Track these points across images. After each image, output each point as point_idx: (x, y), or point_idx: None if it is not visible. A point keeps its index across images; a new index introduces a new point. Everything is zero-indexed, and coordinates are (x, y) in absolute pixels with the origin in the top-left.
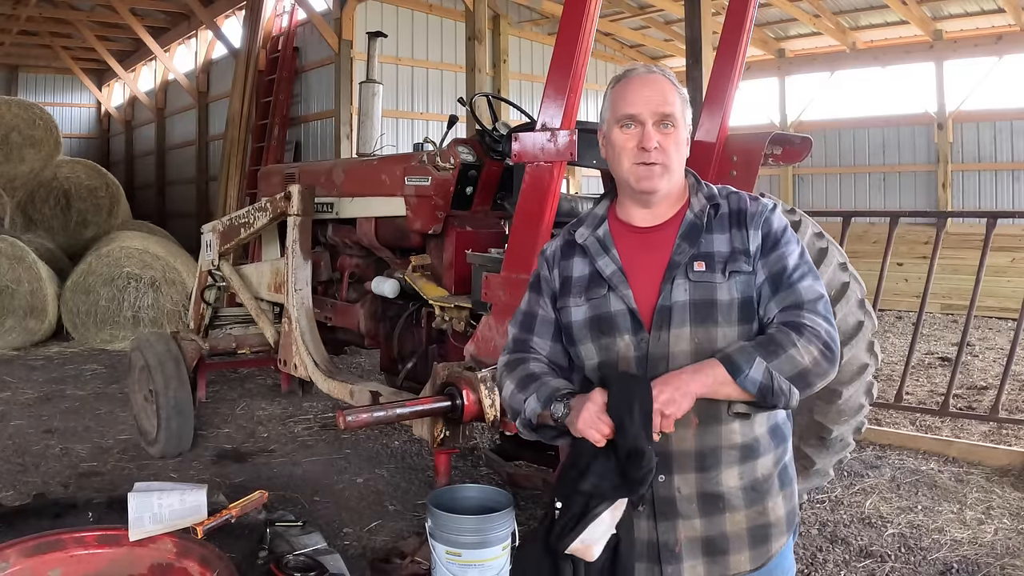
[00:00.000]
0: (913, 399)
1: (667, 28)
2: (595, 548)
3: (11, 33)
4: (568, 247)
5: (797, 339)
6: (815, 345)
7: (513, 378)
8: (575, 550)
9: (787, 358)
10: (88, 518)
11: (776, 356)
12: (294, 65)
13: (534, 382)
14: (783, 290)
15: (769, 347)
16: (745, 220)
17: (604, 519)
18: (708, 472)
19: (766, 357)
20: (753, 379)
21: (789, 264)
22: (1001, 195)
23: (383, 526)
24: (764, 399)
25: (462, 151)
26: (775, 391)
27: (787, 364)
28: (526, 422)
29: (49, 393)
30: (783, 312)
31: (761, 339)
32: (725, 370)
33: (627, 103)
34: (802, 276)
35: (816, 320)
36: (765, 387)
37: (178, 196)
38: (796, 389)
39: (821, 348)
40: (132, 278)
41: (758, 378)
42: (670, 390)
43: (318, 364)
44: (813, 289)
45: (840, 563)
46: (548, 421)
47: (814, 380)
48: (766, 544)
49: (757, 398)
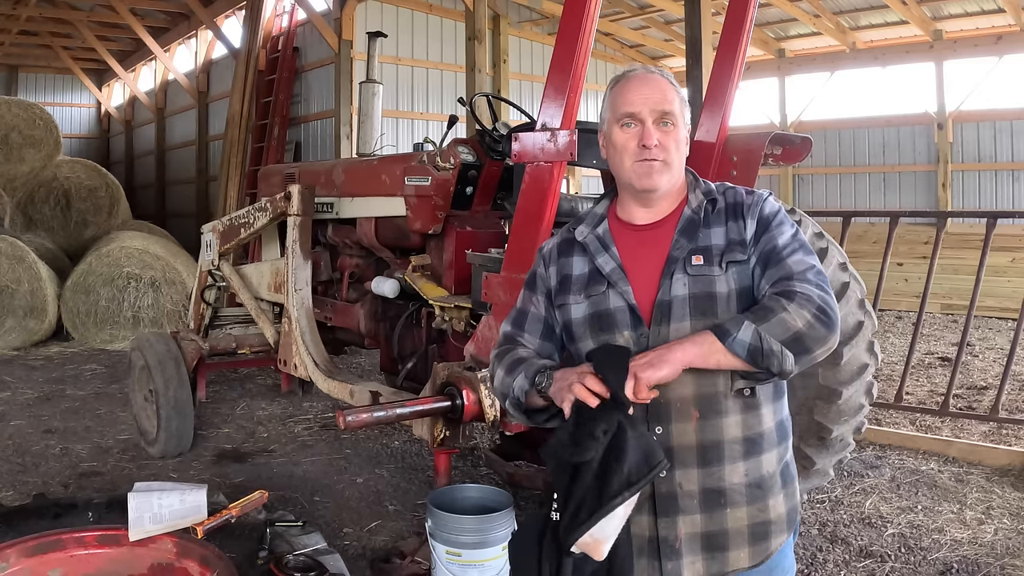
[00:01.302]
0: (913, 399)
1: (667, 28)
2: (605, 545)
3: (11, 33)
4: (566, 245)
5: (787, 304)
6: (807, 309)
7: (502, 365)
8: (585, 545)
9: (778, 321)
10: (88, 518)
11: (766, 320)
12: (294, 65)
13: (522, 364)
14: (773, 266)
15: (758, 313)
16: (742, 211)
17: (618, 513)
18: (711, 467)
19: (755, 321)
20: (741, 341)
21: (779, 243)
22: (1001, 195)
23: (383, 526)
24: (754, 361)
25: (462, 151)
26: (765, 352)
27: (778, 327)
28: (515, 402)
29: (49, 393)
30: (773, 285)
31: (752, 308)
32: (714, 336)
33: (626, 102)
34: (792, 251)
35: (807, 287)
36: (754, 348)
37: (178, 196)
38: (791, 353)
39: (814, 312)
40: (132, 278)
41: (746, 340)
42: (651, 355)
43: (318, 364)
44: (803, 261)
45: (840, 563)
46: (536, 399)
47: (811, 345)
48: (766, 541)
49: (747, 360)
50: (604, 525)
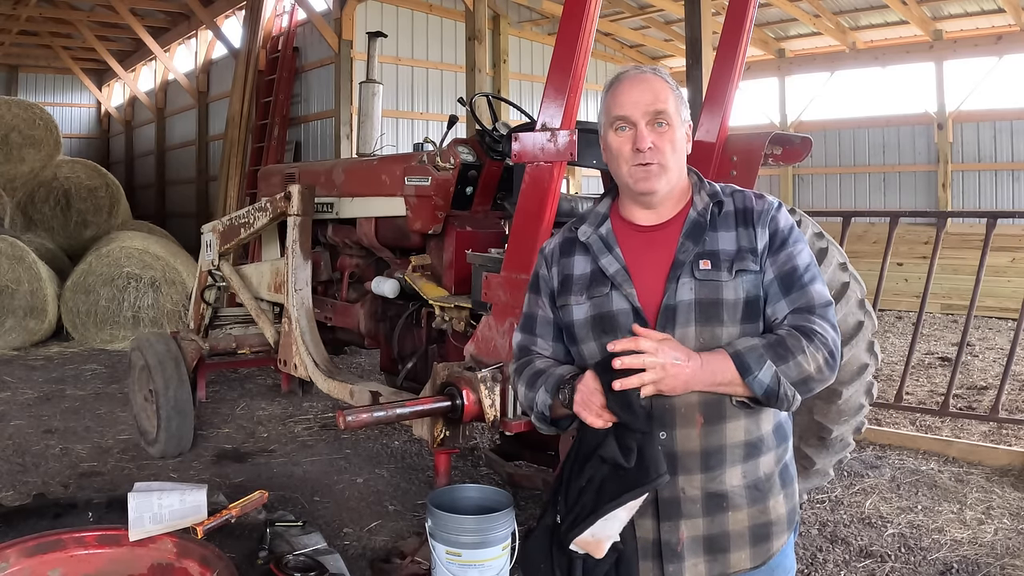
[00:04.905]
0: (913, 399)
1: (667, 28)
2: (605, 545)
3: (11, 33)
4: (568, 244)
5: (807, 345)
6: (821, 353)
7: (523, 381)
8: (584, 543)
9: (795, 364)
10: (88, 518)
11: (785, 361)
12: (294, 65)
13: (541, 376)
14: (795, 291)
15: (779, 350)
16: (752, 218)
17: (618, 515)
18: (713, 471)
19: (775, 360)
20: (761, 382)
21: (800, 264)
22: (1001, 195)
23: (383, 526)
24: (768, 402)
25: (462, 151)
26: (780, 396)
27: (794, 370)
28: (541, 417)
29: (49, 393)
30: (794, 314)
31: (771, 339)
32: (734, 366)
33: (618, 105)
34: (813, 279)
35: (825, 327)
36: (771, 391)
37: (178, 196)
38: (799, 394)
39: (826, 356)
40: (132, 278)
41: (766, 381)
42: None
43: (318, 364)
44: (823, 295)
45: (840, 563)
46: (561, 411)
47: (815, 386)
48: (767, 542)
49: (761, 399)
50: (604, 525)
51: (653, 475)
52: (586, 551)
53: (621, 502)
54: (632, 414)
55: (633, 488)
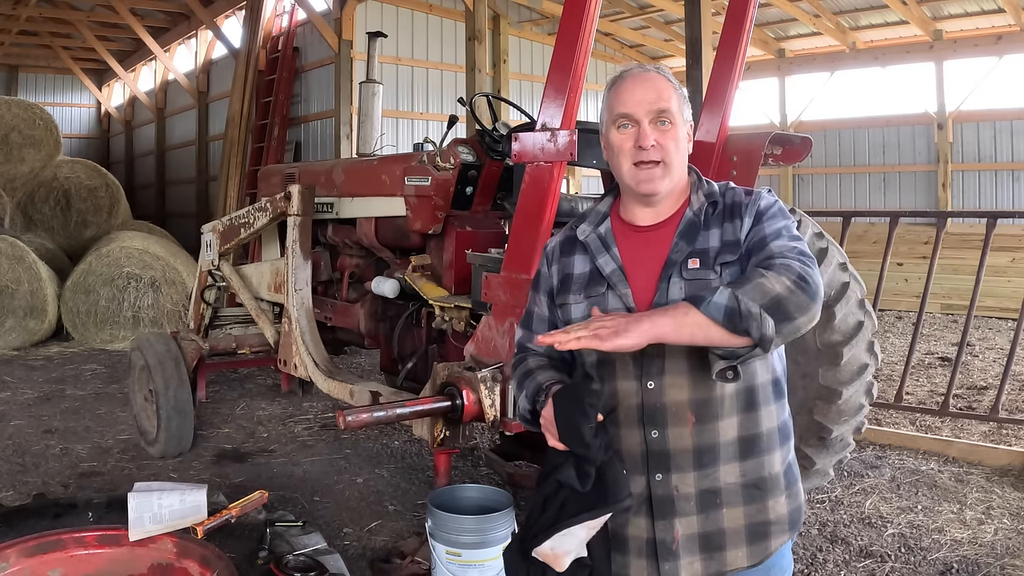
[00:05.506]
0: (913, 399)
1: (667, 28)
2: (564, 559)
3: (11, 33)
4: (569, 243)
5: (766, 272)
6: (786, 276)
7: (515, 378)
8: (544, 555)
9: (755, 286)
10: (88, 518)
11: (742, 285)
12: (294, 65)
13: (527, 379)
14: (756, 253)
15: (736, 281)
16: (739, 211)
17: (576, 532)
18: (706, 469)
19: (733, 287)
20: (717, 304)
21: (767, 232)
22: (1001, 195)
23: (383, 526)
24: (732, 325)
25: (462, 151)
26: (743, 313)
27: (756, 291)
28: (524, 417)
29: (49, 393)
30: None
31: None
32: (688, 304)
33: (621, 102)
34: (777, 236)
35: (786, 260)
36: (731, 310)
37: (178, 196)
38: (771, 318)
39: (794, 279)
40: (132, 278)
41: (722, 302)
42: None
43: (318, 364)
44: (786, 245)
45: (840, 563)
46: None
47: (793, 311)
48: (765, 541)
49: (724, 323)
50: (562, 540)
51: (611, 501)
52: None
53: (578, 520)
54: (584, 446)
55: (591, 510)
